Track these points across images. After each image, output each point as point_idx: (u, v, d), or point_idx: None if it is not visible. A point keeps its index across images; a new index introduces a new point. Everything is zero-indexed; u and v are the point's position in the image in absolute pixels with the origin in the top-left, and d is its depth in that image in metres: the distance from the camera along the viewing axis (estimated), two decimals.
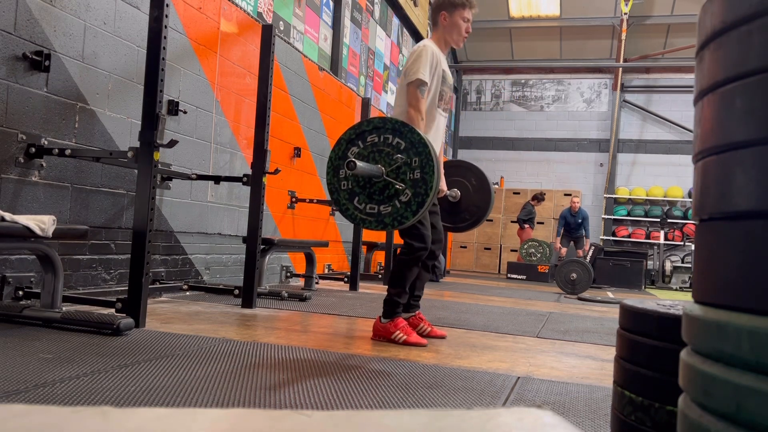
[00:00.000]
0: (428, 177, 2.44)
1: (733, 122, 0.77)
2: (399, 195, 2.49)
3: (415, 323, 3.17)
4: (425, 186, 2.44)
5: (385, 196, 2.52)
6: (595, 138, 12.89)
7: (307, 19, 6.67)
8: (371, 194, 2.54)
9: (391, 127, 2.52)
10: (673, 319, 1.19)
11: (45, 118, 3.16)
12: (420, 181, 2.45)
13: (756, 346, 0.69)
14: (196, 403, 1.69)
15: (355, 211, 2.57)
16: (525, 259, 10.57)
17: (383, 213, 2.52)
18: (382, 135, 2.53)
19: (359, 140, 2.57)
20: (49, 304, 2.72)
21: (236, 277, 4.91)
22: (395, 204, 2.50)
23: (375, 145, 2.54)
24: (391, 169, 2.50)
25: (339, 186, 2.61)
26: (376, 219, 2.54)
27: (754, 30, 0.75)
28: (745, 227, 0.75)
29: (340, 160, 2.61)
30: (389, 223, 2.52)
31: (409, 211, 2.48)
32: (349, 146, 2.59)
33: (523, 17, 12.75)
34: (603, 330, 4.09)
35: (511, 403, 2.00)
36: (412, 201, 2.47)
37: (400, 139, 2.50)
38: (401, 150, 2.49)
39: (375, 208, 2.53)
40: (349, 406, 1.78)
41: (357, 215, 2.57)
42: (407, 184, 2.47)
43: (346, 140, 2.60)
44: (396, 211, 2.50)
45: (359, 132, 2.58)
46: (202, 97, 4.45)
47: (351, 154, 2.57)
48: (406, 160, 2.48)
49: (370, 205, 2.54)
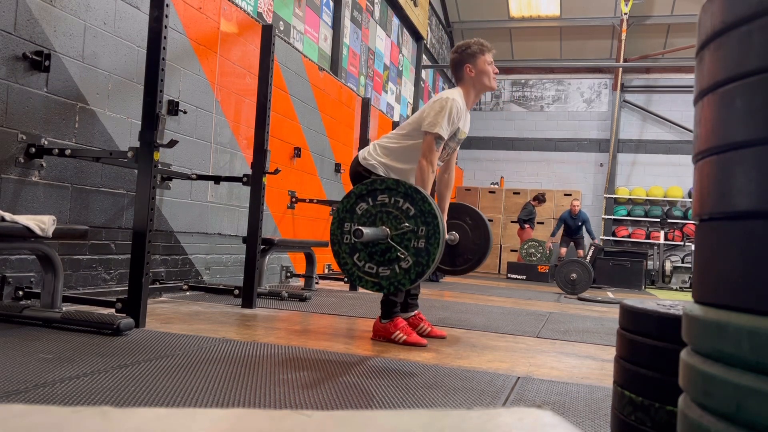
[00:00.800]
0: (432, 249, 2.42)
1: (733, 122, 0.77)
2: (400, 261, 2.46)
3: (415, 323, 3.17)
4: (427, 257, 2.42)
5: (386, 258, 2.49)
6: (595, 138, 12.89)
7: (307, 19, 6.67)
8: (372, 254, 2.52)
9: (403, 191, 2.49)
10: (673, 319, 1.19)
11: (45, 118, 3.16)
12: (423, 251, 2.43)
13: (756, 346, 0.69)
14: (196, 403, 1.69)
15: (354, 267, 2.54)
16: (525, 259, 10.57)
17: (381, 275, 2.50)
18: (393, 197, 2.50)
19: (369, 197, 2.54)
20: (49, 304, 2.72)
21: (236, 277, 4.92)
22: (395, 269, 2.47)
23: (384, 205, 2.51)
24: (397, 233, 2.47)
25: (342, 239, 2.58)
26: (373, 279, 2.51)
27: (754, 30, 0.75)
28: (745, 227, 0.75)
29: (347, 213, 2.58)
30: (385, 286, 2.50)
31: (407, 278, 2.45)
32: (359, 201, 2.56)
33: (523, 17, 12.76)
34: (603, 330, 4.09)
35: (511, 403, 2.00)
36: (412, 269, 2.44)
37: (411, 205, 2.47)
38: (410, 216, 2.46)
39: (374, 268, 2.51)
40: (349, 406, 1.78)
41: (355, 272, 2.55)
42: (410, 251, 2.45)
43: (357, 195, 2.57)
44: (394, 276, 2.47)
45: (371, 189, 2.54)
46: (202, 97, 4.45)
47: (359, 210, 2.54)
48: (413, 228, 2.45)
49: (370, 264, 2.52)
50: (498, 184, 13.01)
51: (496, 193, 12.63)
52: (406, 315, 3.16)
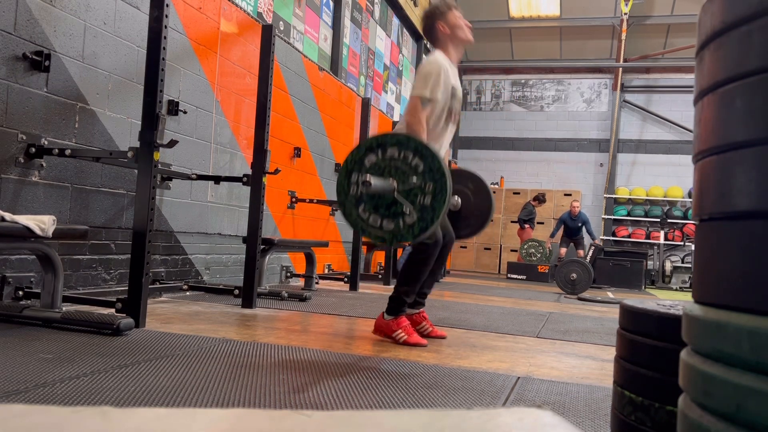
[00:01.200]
0: (437, 206, 2.42)
1: (733, 122, 0.77)
2: (404, 216, 2.47)
3: (418, 321, 3.17)
4: (432, 214, 2.43)
5: (390, 212, 2.50)
6: (595, 138, 12.89)
7: (307, 19, 6.67)
8: (377, 206, 2.52)
9: (413, 146, 2.49)
10: (673, 319, 1.19)
11: (45, 118, 3.16)
12: (429, 208, 2.43)
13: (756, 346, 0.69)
14: (196, 403, 1.69)
15: (358, 218, 2.55)
16: (525, 259, 10.57)
17: (385, 228, 2.50)
18: (402, 151, 2.50)
19: (379, 150, 2.53)
20: (49, 304, 2.72)
21: (236, 277, 4.91)
22: (398, 223, 2.48)
23: (394, 159, 2.50)
24: (404, 189, 2.48)
25: (348, 190, 2.58)
26: (377, 231, 2.52)
27: (754, 30, 0.75)
28: (745, 227, 0.75)
29: (355, 164, 2.57)
30: (388, 239, 2.51)
31: (410, 233, 2.46)
32: (368, 153, 2.55)
33: (523, 17, 12.76)
34: (603, 330, 4.09)
35: (511, 403, 2.00)
36: (416, 225, 2.45)
37: (420, 160, 2.47)
38: (418, 172, 2.46)
39: (378, 221, 2.52)
40: (349, 406, 1.78)
41: (359, 223, 2.56)
42: (415, 207, 2.45)
43: (366, 147, 2.56)
44: (398, 230, 2.48)
45: (381, 142, 2.54)
46: (202, 97, 4.45)
47: (368, 162, 2.54)
48: (420, 184, 2.45)
49: (374, 216, 2.52)
50: (498, 184, 13.01)
51: (496, 193, 12.59)
52: (410, 311, 3.16)
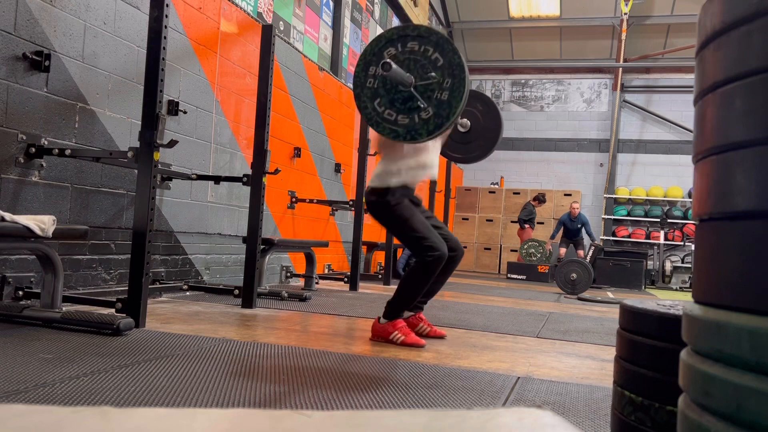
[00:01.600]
0: (455, 102, 2.37)
1: (733, 122, 0.77)
2: (420, 110, 2.42)
3: (415, 323, 3.17)
4: (448, 109, 2.38)
5: (406, 106, 2.45)
6: (595, 138, 12.89)
7: (307, 19, 6.67)
8: (393, 100, 2.47)
9: (435, 40, 2.43)
10: (673, 319, 1.19)
11: (45, 118, 3.16)
12: (445, 103, 2.38)
13: (756, 346, 0.69)
14: (196, 403, 1.69)
15: (373, 112, 2.50)
16: (525, 259, 10.57)
17: (399, 122, 2.46)
18: (423, 45, 2.44)
19: (399, 43, 2.47)
20: (49, 304, 2.72)
21: (236, 277, 4.91)
22: (414, 118, 2.44)
23: (413, 53, 2.45)
24: (422, 83, 2.42)
25: (365, 82, 2.53)
26: (391, 126, 2.47)
27: (754, 30, 0.75)
28: (745, 227, 0.75)
29: (373, 56, 2.51)
30: (402, 134, 2.46)
31: (424, 129, 2.42)
32: (388, 45, 2.49)
33: (523, 17, 12.76)
34: (603, 330, 4.09)
35: (511, 403, 2.00)
36: (431, 121, 2.41)
37: (440, 55, 2.41)
38: (437, 66, 2.41)
39: (393, 115, 2.47)
40: (349, 406, 1.78)
41: (374, 116, 2.51)
42: (432, 102, 2.40)
43: (387, 38, 2.50)
44: (412, 126, 2.43)
45: (402, 35, 2.48)
46: (202, 97, 4.45)
47: (387, 54, 2.48)
48: (439, 79, 2.40)
49: (389, 111, 2.48)
50: (498, 184, 13.00)
51: (496, 193, 12.63)
52: (407, 314, 3.15)
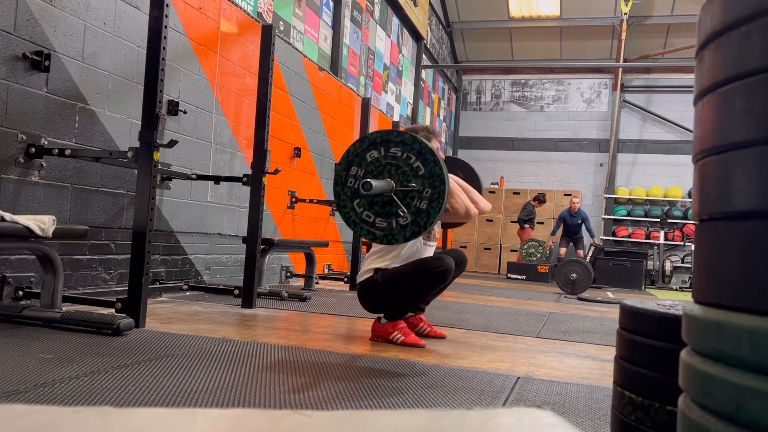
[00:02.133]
0: (432, 212, 2.41)
1: (733, 122, 0.77)
2: (398, 217, 2.45)
3: (415, 323, 3.17)
4: (426, 219, 2.41)
5: (385, 210, 2.48)
6: (595, 138, 12.89)
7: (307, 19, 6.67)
8: (373, 204, 2.50)
9: (417, 149, 2.46)
10: (673, 319, 1.19)
11: (45, 118, 3.16)
12: (424, 212, 2.42)
13: (756, 346, 0.69)
14: (196, 403, 1.69)
15: (352, 212, 2.54)
16: (525, 259, 10.57)
17: (377, 225, 2.49)
18: (406, 152, 2.47)
19: (383, 147, 2.51)
20: (49, 304, 2.72)
21: (236, 277, 4.91)
22: (391, 223, 2.47)
23: (395, 158, 2.48)
24: (401, 189, 2.45)
25: (345, 182, 2.56)
26: (369, 228, 2.51)
27: (754, 30, 0.75)
28: (745, 227, 0.75)
29: (356, 156, 2.54)
30: (379, 237, 2.49)
31: (401, 235, 2.45)
32: (371, 148, 2.53)
33: (523, 17, 12.76)
34: (603, 330, 4.09)
35: (511, 403, 2.00)
36: (409, 227, 2.44)
37: (422, 164, 2.44)
38: (418, 175, 2.44)
39: (371, 217, 2.50)
40: (349, 406, 1.78)
41: (352, 217, 2.54)
42: (410, 210, 2.44)
43: (371, 141, 2.54)
44: (390, 230, 2.47)
45: (386, 139, 2.51)
46: (202, 97, 4.45)
47: (369, 156, 2.51)
48: (419, 188, 2.43)
49: (368, 212, 2.51)
50: (498, 184, 13.00)
51: (496, 193, 12.63)
52: (407, 315, 3.15)
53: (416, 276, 2.84)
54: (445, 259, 2.84)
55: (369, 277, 2.94)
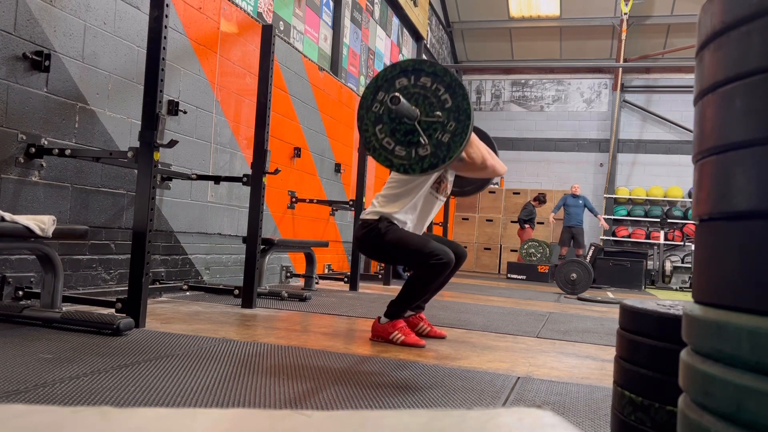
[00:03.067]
0: (454, 146, 2.38)
1: (733, 122, 0.77)
2: (419, 146, 2.43)
3: (415, 323, 3.16)
4: (446, 152, 2.39)
5: (406, 140, 2.45)
6: (595, 138, 12.89)
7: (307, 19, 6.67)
8: (395, 130, 2.48)
9: (448, 81, 2.43)
10: (673, 319, 1.19)
11: (45, 118, 3.16)
12: (445, 145, 2.39)
13: (756, 346, 0.69)
14: (196, 403, 1.69)
15: (373, 137, 2.51)
16: (525, 259, 10.57)
17: (396, 153, 2.47)
18: (435, 84, 2.44)
19: (413, 75, 2.48)
20: (49, 304, 2.72)
21: (236, 277, 4.91)
22: (411, 152, 2.44)
23: (424, 88, 2.45)
24: (426, 119, 2.43)
25: (371, 106, 2.54)
26: (387, 155, 2.48)
27: (754, 30, 0.75)
28: (745, 227, 0.75)
29: (385, 82, 2.52)
30: (396, 165, 2.47)
31: (419, 166, 2.42)
32: (401, 76, 2.50)
33: (523, 17, 12.76)
34: (603, 330, 4.09)
35: (511, 403, 2.00)
36: (427, 159, 2.41)
37: (450, 97, 2.42)
38: (445, 108, 2.41)
39: (391, 144, 2.47)
40: (349, 406, 1.78)
41: (372, 142, 2.51)
42: (432, 141, 2.41)
43: (402, 68, 2.51)
44: (408, 159, 2.44)
45: (417, 68, 2.49)
46: (202, 97, 4.45)
47: (398, 84, 2.49)
48: (444, 120, 2.41)
49: (389, 139, 2.48)
50: (498, 184, 13.01)
51: (496, 193, 12.63)
52: (407, 314, 3.15)
53: (413, 256, 2.82)
54: (447, 252, 2.82)
55: (373, 221, 2.89)
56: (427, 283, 2.88)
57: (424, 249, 2.80)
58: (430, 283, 2.88)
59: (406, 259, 2.94)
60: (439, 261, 2.78)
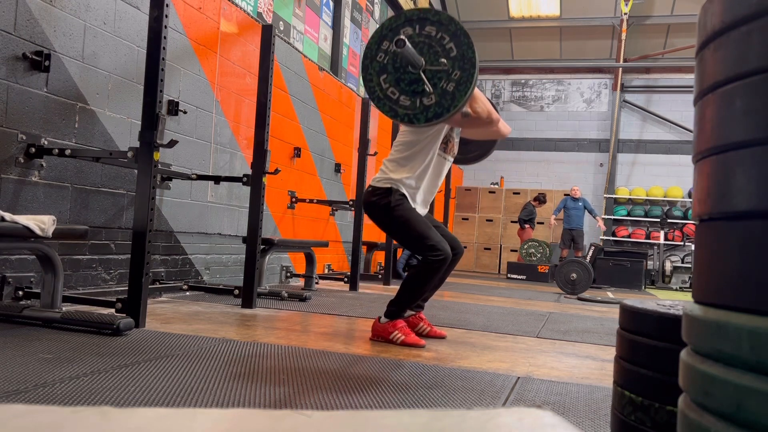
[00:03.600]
0: (459, 95, 2.37)
1: (733, 122, 0.77)
2: (423, 96, 2.41)
3: (415, 323, 3.16)
4: (451, 101, 2.37)
5: (411, 89, 2.44)
6: (595, 138, 12.89)
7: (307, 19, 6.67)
8: (399, 80, 2.46)
9: (453, 29, 2.42)
10: (673, 319, 1.19)
11: (45, 118, 3.16)
12: (449, 94, 2.38)
13: (756, 346, 0.69)
14: (196, 403, 1.69)
15: (377, 87, 2.50)
16: (525, 259, 10.57)
17: (401, 103, 2.46)
18: (440, 32, 2.43)
19: (417, 24, 2.46)
20: (49, 304, 2.72)
21: (236, 277, 4.91)
22: (415, 102, 2.43)
23: (429, 37, 2.43)
24: (431, 68, 2.41)
25: (375, 55, 2.52)
26: (391, 105, 2.47)
27: (754, 30, 0.75)
28: (745, 227, 0.75)
29: (390, 31, 2.51)
30: (400, 115, 2.46)
31: (423, 115, 2.41)
32: (406, 24, 2.49)
33: (523, 17, 12.76)
34: (603, 330, 4.09)
35: (511, 403, 2.00)
36: (432, 108, 2.40)
37: (455, 46, 2.40)
38: (450, 56, 2.39)
39: (396, 94, 2.46)
40: (349, 406, 1.78)
41: (377, 92, 2.50)
42: (437, 90, 2.39)
43: (407, 17, 2.50)
44: (412, 109, 2.43)
45: (422, 17, 2.47)
46: (202, 97, 4.45)
47: (403, 33, 2.48)
48: (449, 69, 2.39)
49: (393, 89, 2.47)
50: (498, 184, 13.00)
51: (496, 193, 12.63)
52: (407, 313, 3.15)
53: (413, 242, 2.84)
54: (446, 249, 2.82)
55: (384, 190, 2.87)
56: (425, 282, 2.87)
57: (426, 240, 2.80)
58: (427, 281, 2.87)
59: (406, 241, 2.94)
60: (436, 257, 2.77)
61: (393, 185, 2.87)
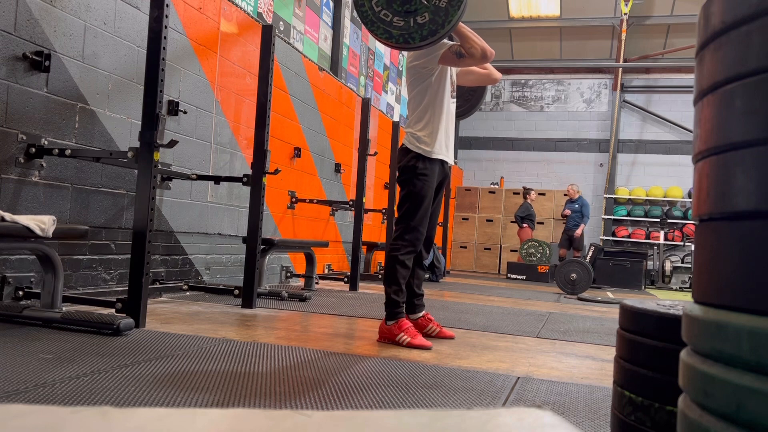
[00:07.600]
0: (452, 11, 2.37)
1: (733, 122, 0.77)
2: (417, 14, 2.41)
3: (424, 324, 3.16)
4: (444, 18, 2.37)
5: (403, 9, 2.44)
6: (595, 138, 12.89)
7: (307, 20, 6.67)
8: (391, 1, 2.46)
9: None
10: (673, 319, 1.19)
11: (45, 118, 3.16)
12: (443, 10, 2.38)
13: (756, 346, 0.69)
14: (196, 403, 1.69)
15: (369, 11, 2.50)
16: (525, 260, 10.57)
17: (395, 25, 2.45)
18: None
19: None
20: (49, 304, 2.72)
21: (236, 277, 4.91)
22: (409, 22, 2.43)
23: None
24: None
25: None
26: (386, 27, 2.47)
27: (754, 30, 0.75)
28: (745, 227, 0.75)
29: None
30: (395, 36, 2.45)
31: (418, 34, 2.41)
32: None
33: (523, 17, 12.75)
34: (603, 330, 4.09)
35: (511, 403, 2.00)
36: (426, 26, 2.40)
37: None
38: None
39: (389, 16, 2.47)
40: (349, 406, 1.78)
41: (369, 16, 2.50)
42: (429, 7, 2.39)
43: None
44: (407, 29, 2.43)
45: None
46: (202, 97, 4.45)
47: None
48: None
49: (386, 11, 2.47)
50: (498, 184, 13.00)
51: (496, 193, 12.63)
52: (414, 316, 3.15)
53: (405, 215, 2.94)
54: (417, 245, 2.97)
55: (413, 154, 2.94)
56: (395, 271, 2.93)
57: (411, 222, 2.91)
58: (397, 271, 2.93)
59: (401, 209, 3.00)
60: (404, 248, 2.91)
61: (417, 147, 2.93)
